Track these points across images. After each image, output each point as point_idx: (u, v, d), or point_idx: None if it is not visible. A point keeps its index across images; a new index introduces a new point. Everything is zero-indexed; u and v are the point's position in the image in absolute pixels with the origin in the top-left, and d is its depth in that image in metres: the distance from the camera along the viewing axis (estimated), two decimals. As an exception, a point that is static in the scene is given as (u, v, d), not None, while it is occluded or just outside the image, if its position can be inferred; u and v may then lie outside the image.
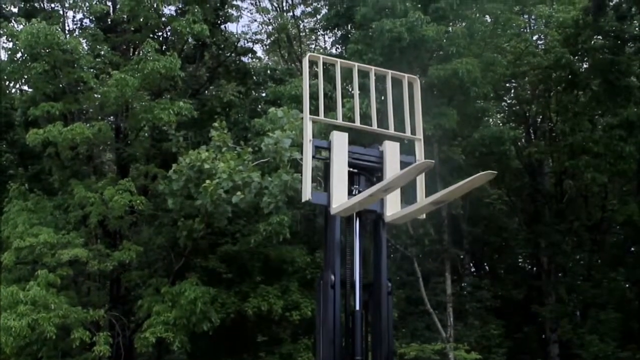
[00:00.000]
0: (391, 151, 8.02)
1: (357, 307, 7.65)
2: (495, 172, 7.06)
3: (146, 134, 24.50)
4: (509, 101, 30.88)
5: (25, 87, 24.33)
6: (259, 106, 26.34)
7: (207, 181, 16.76)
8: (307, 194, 7.56)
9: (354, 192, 7.77)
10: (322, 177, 8.17)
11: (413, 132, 8.41)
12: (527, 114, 29.20)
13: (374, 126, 8.36)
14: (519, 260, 33.00)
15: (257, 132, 20.00)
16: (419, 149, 8.31)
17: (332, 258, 7.61)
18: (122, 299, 23.29)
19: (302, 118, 18.33)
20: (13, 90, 25.50)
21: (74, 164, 22.73)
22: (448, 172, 25.15)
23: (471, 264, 31.41)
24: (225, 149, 17.86)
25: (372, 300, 7.80)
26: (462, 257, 28.33)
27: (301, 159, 17.03)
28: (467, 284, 28.25)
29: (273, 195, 16.48)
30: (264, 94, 27.14)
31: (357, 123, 8.32)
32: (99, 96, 21.94)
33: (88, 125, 21.19)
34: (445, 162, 24.57)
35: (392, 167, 7.82)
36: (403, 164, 7.78)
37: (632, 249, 29.17)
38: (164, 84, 22.53)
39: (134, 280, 23.10)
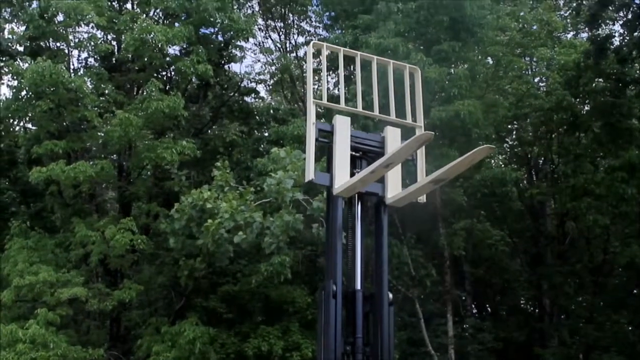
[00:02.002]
0: (392, 136, 8.09)
1: (358, 288, 7.62)
2: (494, 147, 7.12)
3: (149, 173, 24.56)
4: (510, 143, 30.95)
5: (29, 125, 24.50)
6: (262, 146, 26.43)
7: (209, 221, 16.79)
8: (310, 174, 7.63)
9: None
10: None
11: (414, 119, 8.50)
12: (529, 156, 29.24)
13: (376, 112, 8.48)
14: (521, 301, 32.83)
15: (259, 172, 20.06)
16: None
17: (335, 243, 7.61)
18: (121, 338, 23.17)
19: (304, 159, 18.45)
20: (17, 128, 25.64)
21: (76, 202, 22.81)
22: (450, 214, 25.18)
23: (473, 306, 31.27)
24: (227, 188, 17.92)
25: (371, 299, 7.72)
26: (464, 298, 28.23)
27: (303, 200, 17.16)
28: (469, 326, 28.06)
29: (275, 235, 16.51)
30: (266, 134, 27.26)
31: (360, 109, 8.46)
32: (103, 135, 22.06)
33: (91, 163, 21.26)
34: (447, 204, 24.58)
35: None
36: None
37: (635, 291, 29.00)
38: (167, 123, 22.64)
39: (134, 319, 23.00)
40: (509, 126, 28.70)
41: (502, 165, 28.81)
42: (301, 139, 22.29)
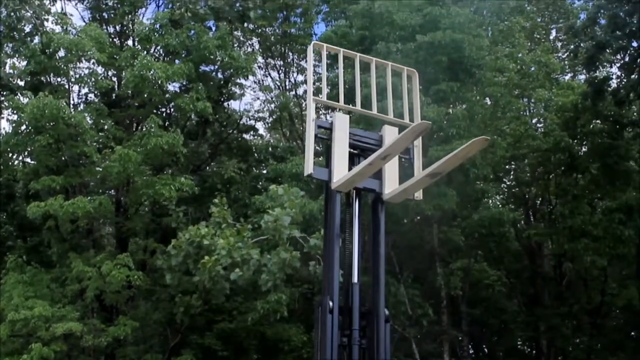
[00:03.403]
0: (390, 135, 8.23)
1: (355, 280, 7.69)
2: (489, 137, 7.21)
3: (146, 209, 24.54)
4: (508, 183, 31.01)
5: (28, 160, 24.51)
6: (260, 183, 26.44)
7: (206, 257, 16.75)
8: (309, 168, 7.75)
9: None
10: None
11: (411, 119, 8.68)
12: (527, 196, 29.27)
13: (374, 111, 8.66)
14: (519, 343, 32.63)
15: (257, 210, 20.06)
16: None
17: (332, 243, 7.68)
18: (115, 375, 22.99)
19: (302, 196, 18.42)
20: (16, 162, 25.65)
21: (74, 237, 22.74)
22: (447, 253, 25.13)
23: (470, 346, 31.05)
24: (224, 225, 17.90)
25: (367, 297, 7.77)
26: (460, 338, 28.04)
27: (300, 237, 17.14)
28: (466, 367, 27.90)
29: (271, 273, 16.47)
30: (265, 172, 27.28)
31: (359, 107, 8.64)
32: (101, 170, 22.09)
33: (89, 198, 21.25)
34: (444, 243, 24.54)
35: None
36: None
37: (633, 333, 28.86)
38: (166, 159, 22.69)
39: (129, 355, 22.81)
40: (507, 166, 28.77)
41: (500, 206, 28.76)
42: (299, 177, 22.31)
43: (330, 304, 7.41)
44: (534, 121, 28.68)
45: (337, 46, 8.99)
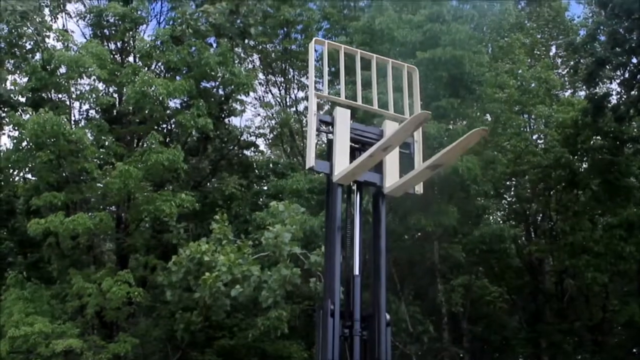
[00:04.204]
0: (391, 130, 8.26)
1: (357, 272, 7.74)
2: (487, 128, 7.29)
3: (147, 225, 24.51)
4: (509, 199, 30.99)
5: (29, 176, 24.51)
6: (261, 200, 26.44)
7: (207, 274, 16.73)
8: (310, 161, 7.84)
9: None
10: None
11: (411, 114, 8.65)
12: (527, 213, 29.25)
13: (375, 107, 8.87)
14: (520, 359, 32.53)
15: (257, 226, 20.03)
16: (417, 130, 8.53)
17: (334, 231, 7.73)
18: (115, 392, 22.87)
19: (302, 212, 18.39)
20: (17, 178, 25.66)
21: (74, 254, 22.69)
22: (448, 270, 25.07)
23: (471, 363, 30.95)
24: (225, 241, 17.89)
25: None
26: (461, 355, 27.94)
27: (301, 254, 17.13)
28: (467, 384, 27.80)
29: (272, 289, 16.44)
30: (265, 188, 27.29)
31: (359, 102, 8.84)
32: (102, 186, 22.09)
33: (90, 214, 21.23)
34: (445, 260, 24.50)
35: None
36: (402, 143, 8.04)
37: (635, 350, 28.76)
38: (167, 175, 22.68)
39: (129, 373, 22.76)
40: (507, 183, 28.77)
41: (501, 222, 28.77)
42: (300, 193, 22.30)
43: (332, 307, 7.42)
44: (534, 137, 28.75)
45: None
